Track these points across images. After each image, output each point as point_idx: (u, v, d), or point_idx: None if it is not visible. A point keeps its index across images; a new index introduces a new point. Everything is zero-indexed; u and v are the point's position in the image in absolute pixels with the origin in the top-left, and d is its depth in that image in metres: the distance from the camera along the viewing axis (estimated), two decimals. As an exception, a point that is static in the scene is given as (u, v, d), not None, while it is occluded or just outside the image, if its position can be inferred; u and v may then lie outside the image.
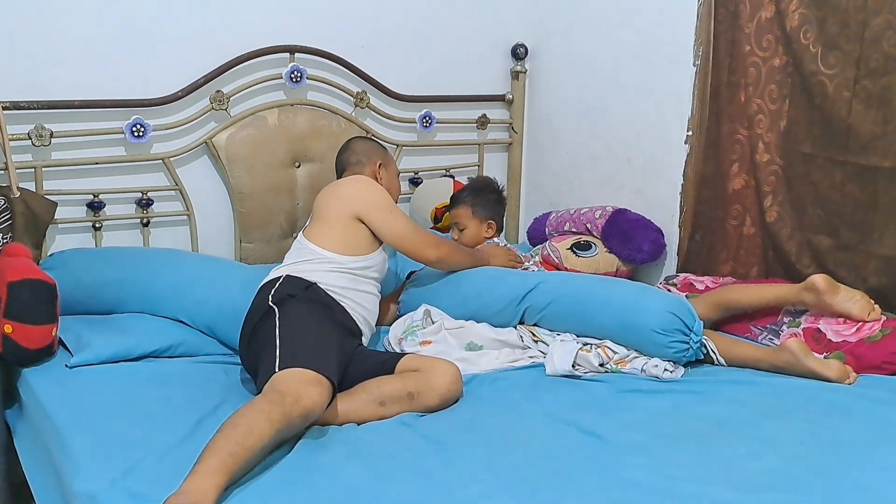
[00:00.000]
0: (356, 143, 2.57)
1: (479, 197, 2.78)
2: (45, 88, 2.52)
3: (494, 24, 3.33)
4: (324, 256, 2.21)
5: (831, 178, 2.40)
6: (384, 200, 2.33)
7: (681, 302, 2.20)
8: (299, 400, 1.69)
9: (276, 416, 1.62)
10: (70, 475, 1.62)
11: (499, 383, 2.09)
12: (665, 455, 1.66)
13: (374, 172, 2.46)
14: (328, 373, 1.81)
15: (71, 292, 2.27)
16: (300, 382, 1.75)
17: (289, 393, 1.70)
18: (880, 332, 2.15)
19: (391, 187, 2.49)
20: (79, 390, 1.96)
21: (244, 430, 1.56)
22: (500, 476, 1.58)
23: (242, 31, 2.81)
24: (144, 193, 2.73)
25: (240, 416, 1.61)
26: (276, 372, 1.80)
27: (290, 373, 1.79)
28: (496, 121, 3.42)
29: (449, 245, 2.46)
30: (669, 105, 2.83)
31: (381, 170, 2.48)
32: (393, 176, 2.54)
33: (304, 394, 1.71)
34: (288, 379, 1.76)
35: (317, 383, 1.76)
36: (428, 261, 2.39)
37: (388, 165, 2.52)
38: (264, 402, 1.66)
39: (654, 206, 2.93)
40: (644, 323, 2.13)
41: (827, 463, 1.62)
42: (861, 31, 2.25)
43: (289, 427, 1.66)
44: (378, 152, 2.53)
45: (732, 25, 2.60)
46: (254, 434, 1.56)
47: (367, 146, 2.54)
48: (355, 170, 2.47)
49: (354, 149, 2.52)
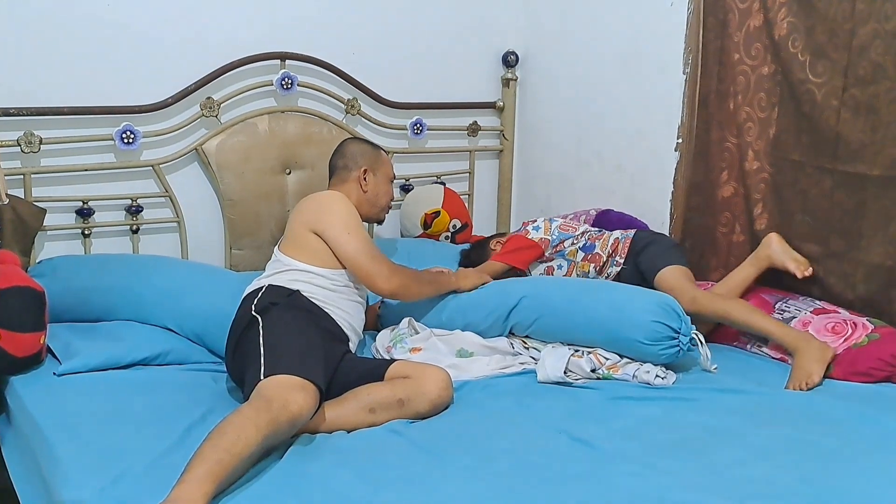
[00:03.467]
0: (348, 145, 2.50)
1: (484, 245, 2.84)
2: (34, 95, 2.52)
3: (485, 31, 3.34)
4: (301, 268, 2.19)
5: (820, 185, 2.41)
6: (344, 220, 2.23)
7: (664, 306, 2.16)
8: (286, 406, 1.68)
9: (264, 423, 1.62)
10: (58, 484, 1.61)
11: (490, 390, 2.08)
12: (656, 462, 1.66)
13: (359, 178, 2.39)
14: (314, 378, 1.81)
15: (59, 300, 2.26)
16: (286, 388, 1.74)
17: (275, 399, 1.69)
18: (866, 337, 2.16)
19: (378, 193, 2.43)
20: (67, 398, 1.95)
21: (232, 437, 1.56)
22: (491, 484, 1.57)
23: (233, 37, 2.81)
24: (134, 200, 2.72)
25: (227, 424, 1.60)
26: (262, 379, 1.79)
27: (276, 379, 1.78)
28: (487, 128, 3.43)
29: (405, 275, 2.27)
30: (659, 113, 2.84)
31: (368, 175, 2.40)
32: (382, 181, 2.45)
33: (290, 399, 1.70)
34: (274, 385, 1.76)
35: (302, 389, 1.76)
36: (380, 292, 2.25)
37: (376, 170, 2.43)
38: (251, 410, 1.66)
39: (644, 214, 2.93)
40: (630, 336, 2.13)
41: (816, 471, 1.62)
42: (849, 39, 2.27)
43: (276, 433, 1.65)
44: (367, 157, 2.44)
45: (722, 34, 2.61)
46: (241, 441, 1.56)
47: (357, 149, 2.46)
48: (341, 175, 2.42)
49: (344, 152, 2.46)
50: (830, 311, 2.30)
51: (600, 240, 2.68)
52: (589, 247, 2.68)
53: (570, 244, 2.70)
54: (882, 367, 2.10)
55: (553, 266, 2.70)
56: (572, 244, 2.70)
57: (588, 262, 2.65)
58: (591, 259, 2.66)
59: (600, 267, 2.63)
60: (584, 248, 2.68)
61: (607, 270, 2.63)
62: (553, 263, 2.70)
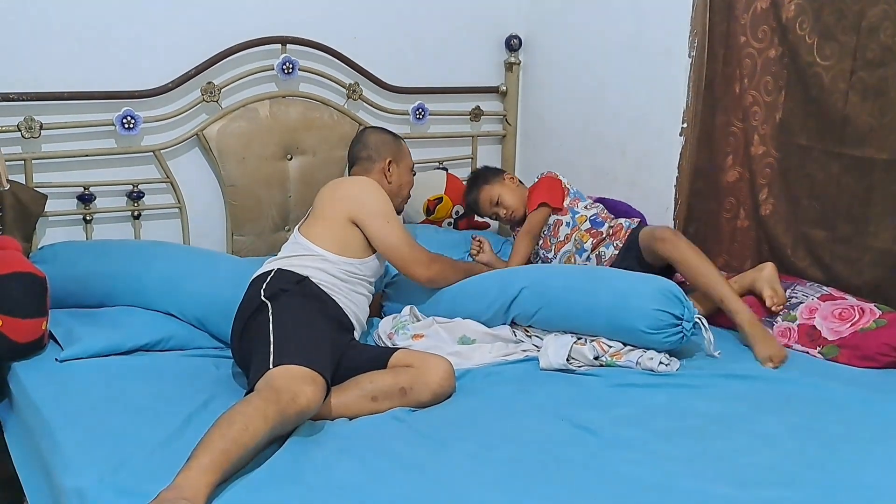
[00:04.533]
0: (369, 135, 2.52)
1: (478, 177, 2.93)
2: (34, 80, 2.50)
3: (488, 15, 3.31)
4: (318, 254, 2.19)
5: (827, 170, 2.39)
6: (383, 208, 2.28)
7: (665, 293, 2.13)
8: (295, 398, 1.67)
9: (272, 414, 1.61)
10: (59, 470, 1.61)
11: (492, 377, 2.07)
12: (660, 450, 1.65)
13: (384, 169, 2.42)
14: (323, 370, 1.80)
15: (61, 285, 2.26)
16: (296, 379, 1.73)
17: (285, 390, 1.68)
18: (874, 323, 2.15)
19: (402, 183, 2.47)
20: (69, 384, 1.95)
21: (239, 427, 1.54)
22: (494, 471, 1.57)
23: (234, 21, 2.78)
24: (135, 186, 2.71)
25: (235, 413, 1.59)
26: (271, 368, 1.78)
27: (286, 369, 1.76)
28: (490, 113, 3.40)
29: (441, 263, 2.37)
30: (664, 97, 2.82)
31: (392, 166, 2.44)
32: (405, 171, 2.50)
33: (300, 392, 1.69)
34: (284, 376, 1.74)
35: (312, 381, 1.74)
36: (417, 279, 2.32)
37: (399, 161, 2.47)
38: (260, 400, 1.64)
39: (648, 199, 2.92)
40: (633, 326, 2.11)
41: (822, 458, 1.62)
42: (857, 21, 2.24)
43: (283, 425, 1.64)
44: (390, 148, 2.48)
45: (728, 16, 2.58)
46: (249, 432, 1.54)
47: (379, 140, 2.49)
48: (365, 165, 2.44)
49: (367, 142, 2.48)
50: (838, 298, 2.28)
51: (609, 221, 2.72)
52: (598, 222, 2.72)
53: (584, 208, 2.78)
54: (888, 353, 2.09)
55: (562, 221, 2.76)
56: (585, 208, 2.78)
57: (589, 234, 2.69)
58: (592, 234, 2.69)
59: (597, 243, 2.66)
60: (592, 219, 2.73)
61: (600, 249, 2.64)
62: (565, 218, 2.76)
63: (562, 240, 2.74)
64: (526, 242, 2.73)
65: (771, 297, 2.31)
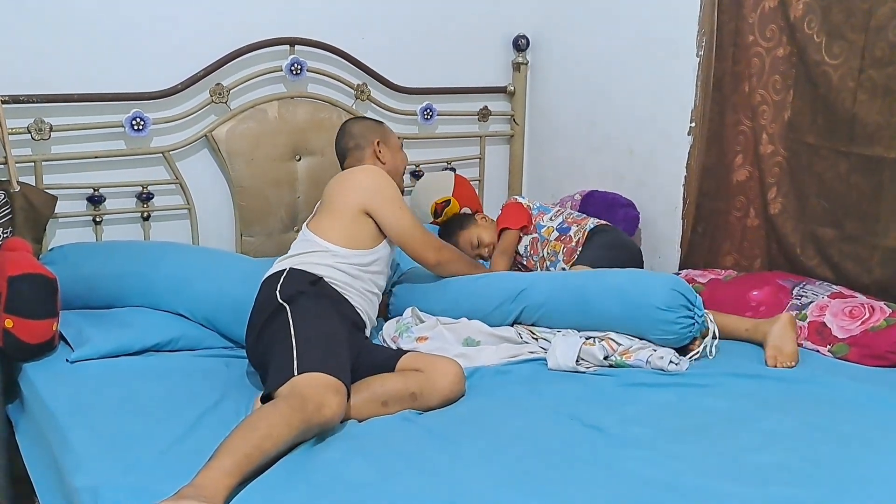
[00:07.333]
0: (351, 126, 2.52)
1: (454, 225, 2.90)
2: (44, 82, 2.51)
3: (496, 15, 3.31)
4: (327, 249, 2.19)
5: (836, 168, 2.38)
6: (394, 195, 2.30)
7: (679, 280, 2.20)
8: (321, 409, 1.66)
9: (297, 423, 1.60)
10: (71, 471, 1.61)
11: (501, 377, 2.07)
12: (669, 448, 1.65)
13: (375, 152, 2.43)
14: (346, 379, 1.79)
15: (71, 287, 2.26)
16: (322, 389, 1.71)
17: (311, 399, 1.66)
18: (885, 321, 2.14)
19: (396, 161, 2.47)
20: (79, 385, 1.96)
21: (263, 433, 1.54)
22: (504, 470, 1.57)
23: (242, 23, 2.79)
24: (144, 187, 2.72)
25: (260, 420, 1.58)
26: (296, 375, 1.76)
27: (312, 377, 1.75)
28: (497, 113, 3.40)
29: (451, 251, 2.44)
30: (672, 96, 2.82)
31: (382, 147, 2.44)
32: (395, 149, 2.50)
33: (326, 402, 1.68)
34: (311, 384, 1.72)
35: (337, 392, 1.73)
36: (427, 263, 2.36)
37: (387, 140, 2.48)
38: (286, 407, 1.63)
39: (657, 198, 2.92)
40: (648, 302, 2.12)
41: (831, 456, 1.61)
42: (866, 20, 2.23)
43: (305, 434, 1.63)
44: (374, 130, 2.48)
45: (736, 15, 2.58)
46: (272, 439, 1.54)
47: (362, 127, 2.49)
48: (356, 155, 2.44)
49: (351, 132, 2.48)
50: (848, 296, 2.28)
51: (577, 224, 2.76)
52: (565, 228, 2.76)
53: (549, 219, 2.82)
54: (899, 351, 2.08)
55: (537, 238, 2.79)
56: (550, 219, 2.82)
57: (560, 241, 2.74)
58: (563, 240, 2.73)
59: (569, 250, 2.70)
60: (559, 228, 2.78)
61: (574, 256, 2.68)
62: (536, 235, 2.80)
63: (543, 256, 2.78)
64: (502, 261, 2.75)
65: (774, 356, 2.12)
